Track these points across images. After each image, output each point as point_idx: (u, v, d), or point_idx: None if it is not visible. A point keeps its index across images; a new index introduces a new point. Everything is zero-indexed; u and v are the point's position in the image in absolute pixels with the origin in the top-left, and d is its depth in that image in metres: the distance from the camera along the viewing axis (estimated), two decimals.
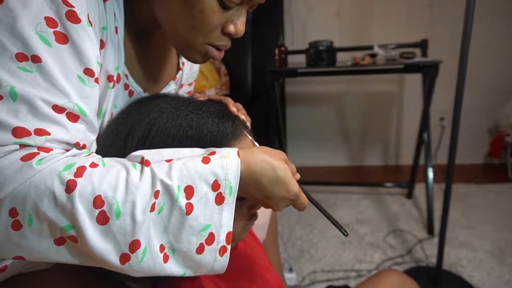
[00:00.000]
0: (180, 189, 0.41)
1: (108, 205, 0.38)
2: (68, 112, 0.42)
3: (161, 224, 0.41)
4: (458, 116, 1.02)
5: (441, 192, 1.23)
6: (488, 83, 2.21)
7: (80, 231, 0.38)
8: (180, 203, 0.41)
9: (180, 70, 0.73)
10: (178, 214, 0.41)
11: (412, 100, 2.25)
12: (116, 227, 0.39)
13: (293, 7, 2.23)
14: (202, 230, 0.42)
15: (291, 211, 1.82)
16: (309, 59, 1.66)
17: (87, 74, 0.44)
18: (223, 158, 0.44)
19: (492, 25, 2.10)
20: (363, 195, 1.97)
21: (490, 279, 1.24)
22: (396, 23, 2.18)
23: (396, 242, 1.51)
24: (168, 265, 0.42)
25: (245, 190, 0.46)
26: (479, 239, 1.48)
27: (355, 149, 2.47)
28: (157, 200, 0.40)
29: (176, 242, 0.42)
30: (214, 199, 0.43)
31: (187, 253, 0.43)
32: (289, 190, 0.48)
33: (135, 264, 0.40)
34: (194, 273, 0.45)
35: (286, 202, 0.49)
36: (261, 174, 0.45)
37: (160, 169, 0.42)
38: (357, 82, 2.31)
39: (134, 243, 0.39)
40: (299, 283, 1.28)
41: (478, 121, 2.26)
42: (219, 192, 0.43)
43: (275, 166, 0.46)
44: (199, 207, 0.42)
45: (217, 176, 0.43)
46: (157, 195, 0.40)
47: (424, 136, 1.71)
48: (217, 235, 0.43)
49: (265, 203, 0.48)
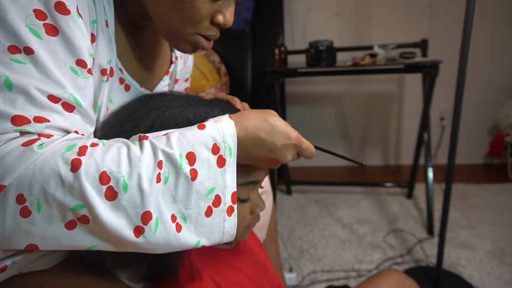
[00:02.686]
0: (182, 157, 0.41)
1: (114, 180, 0.38)
2: (63, 102, 0.43)
3: (169, 194, 0.41)
4: (458, 116, 1.01)
5: (441, 192, 1.23)
6: (488, 83, 2.21)
7: (91, 209, 0.38)
8: (184, 170, 0.41)
9: (173, 63, 0.73)
10: (184, 181, 0.41)
11: (412, 100, 2.25)
12: (125, 200, 0.39)
13: (293, 7, 2.23)
14: (208, 194, 0.43)
15: (291, 211, 1.82)
16: (309, 59, 1.66)
17: (79, 65, 0.44)
18: (217, 123, 0.45)
19: (492, 25, 2.10)
20: (363, 195, 1.97)
21: (490, 279, 1.24)
22: (396, 23, 2.18)
23: (396, 242, 1.51)
24: (182, 234, 0.42)
25: (247, 151, 0.46)
26: (479, 239, 1.48)
27: (355, 149, 2.47)
28: (161, 171, 0.40)
29: (186, 209, 0.42)
30: (216, 162, 0.43)
31: (197, 218, 0.43)
32: (289, 136, 0.48)
33: (149, 236, 0.40)
34: (208, 241, 0.45)
35: (291, 150, 0.48)
36: (257, 129, 0.46)
37: (159, 141, 0.42)
38: (357, 82, 2.31)
39: (146, 214, 0.39)
40: (299, 283, 1.28)
41: (478, 121, 2.26)
42: (220, 155, 0.44)
43: (267, 118, 0.47)
44: (202, 172, 0.42)
45: (215, 140, 0.44)
46: (160, 165, 0.40)
47: (424, 136, 1.71)
48: (223, 197, 0.44)
49: (272, 161, 0.48)
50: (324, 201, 1.93)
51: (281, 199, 1.98)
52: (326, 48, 1.62)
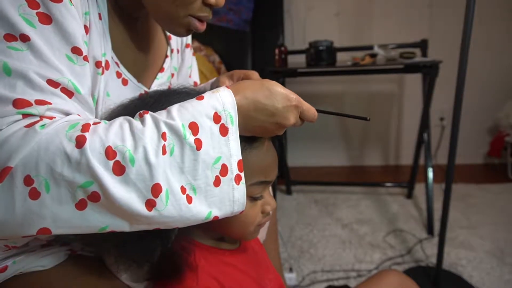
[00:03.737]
0: (185, 127, 0.41)
1: (120, 154, 0.38)
2: (62, 87, 0.43)
3: (176, 166, 0.41)
4: (458, 116, 1.02)
5: (441, 192, 1.23)
6: (488, 83, 2.21)
7: (101, 184, 0.37)
8: (188, 140, 0.41)
9: (167, 57, 0.73)
10: (189, 151, 0.41)
11: (412, 100, 2.25)
12: (133, 174, 0.38)
13: (293, 7, 2.23)
14: (215, 163, 0.43)
15: (291, 211, 1.82)
16: (309, 59, 1.66)
17: (75, 53, 0.44)
18: (215, 93, 0.45)
19: (492, 25, 2.10)
20: (363, 195, 1.97)
21: (490, 279, 1.24)
22: (396, 23, 2.18)
23: (396, 242, 1.51)
24: (193, 205, 0.42)
25: (249, 118, 0.46)
26: (479, 239, 1.48)
27: (355, 149, 2.47)
28: (166, 142, 0.40)
29: (194, 180, 0.42)
30: (219, 131, 0.43)
31: (206, 188, 0.43)
32: (289, 98, 0.48)
33: (162, 209, 0.40)
34: (219, 211, 0.44)
35: (293, 111, 0.49)
36: (255, 94, 0.46)
37: (160, 115, 0.43)
38: (357, 82, 2.31)
39: (155, 187, 0.39)
40: (299, 283, 1.28)
41: (478, 121, 2.26)
42: (222, 123, 0.44)
43: (264, 84, 0.48)
44: (207, 141, 0.42)
45: (216, 108, 0.44)
46: (164, 136, 0.40)
47: (424, 136, 1.71)
48: (229, 165, 0.44)
49: (275, 125, 0.48)
50: (324, 201, 1.93)
51: (281, 199, 1.98)
52: (326, 48, 1.62)
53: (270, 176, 0.53)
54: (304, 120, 0.52)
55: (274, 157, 0.54)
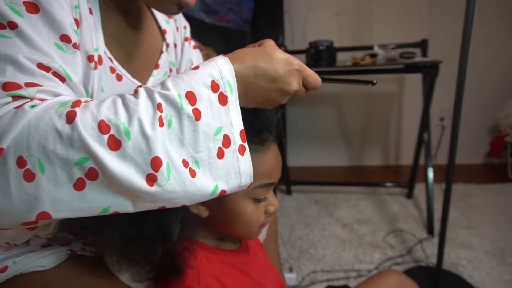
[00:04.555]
0: (181, 97, 0.40)
1: (115, 128, 0.37)
2: (54, 71, 0.42)
3: (175, 138, 0.39)
4: (458, 116, 1.01)
5: (441, 192, 1.23)
6: (488, 83, 2.21)
7: (97, 159, 0.36)
8: (186, 110, 0.39)
9: (163, 53, 0.72)
10: (188, 122, 0.39)
11: (412, 100, 2.25)
12: (130, 148, 0.37)
13: (293, 7, 2.23)
14: (216, 134, 0.41)
15: (291, 211, 1.82)
16: (309, 59, 1.66)
17: (64, 40, 0.44)
18: (211, 61, 0.44)
19: (492, 25, 2.10)
20: (363, 195, 1.97)
21: (490, 279, 1.24)
22: (396, 23, 2.18)
23: (396, 242, 1.51)
24: (197, 179, 0.40)
25: (250, 84, 0.45)
26: (479, 239, 1.48)
27: (355, 149, 2.47)
28: (162, 114, 0.38)
29: (196, 153, 0.40)
30: (218, 100, 0.42)
31: (209, 161, 0.41)
32: (290, 61, 0.46)
33: (163, 183, 0.38)
34: (226, 184, 0.43)
35: (295, 75, 0.47)
36: (255, 59, 0.45)
37: (154, 87, 0.41)
38: None
39: (155, 160, 0.37)
40: (299, 283, 1.28)
41: (478, 121, 2.26)
42: (220, 92, 0.42)
43: (262, 49, 0.46)
44: (206, 111, 0.41)
45: (213, 76, 0.42)
46: (160, 107, 0.38)
47: (424, 136, 1.71)
48: (231, 136, 0.42)
49: (278, 92, 0.46)
50: (324, 201, 1.93)
51: (281, 199, 1.98)
52: (326, 48, 1.62)
53: (274, 178, 0.53)
54: (307, 87, 0.50)
55: (278, 159, 0.54)
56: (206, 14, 2.00)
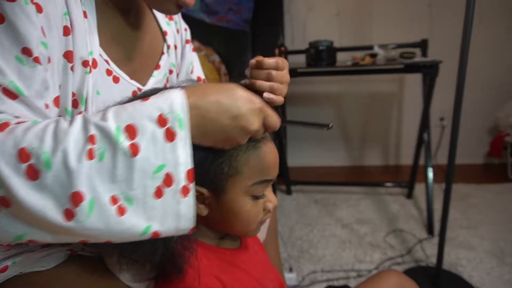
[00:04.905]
0: (119, 130, 0.38)
1: (35, 157, 0.35)
2: (3, 88, 0.41)
3: (106, 173, 0.37)
4: (458, 116, 1.02)
5: (441, 192, 1.23)
6: (488, 83, 2.21)
7: (8, 189, 0.35)
8: (121, 145, 0.37)
9: (163, 54, 0.72)
10: (123, 158, 0.37)
11: (412, 100, 2.25)
12: (50, 180, 0.35)
13: (293, 7, 2.23)
14: (156, 172, 0.39)
15: (291, 211, 1.83)
16: (309, 59, 1.66)
17: (25, 54, 0.43)
18: (165, 93, 0.42)
19: (492, 25, 2.10)
20: (363, 195, 1.97)
21: (490, 279, 1.24)
22: (396, 23, 2.18)
23: (396, 242, 1.51)
24: (125, 218, 0.38)
25: (209, 120, 0.42)
26: (479, 239, 1.48)
27: (355, 149, 2.47)
28: (94, 146, 0.37)
29: (130, 190, 0.38)
30: (164, 135, 0.39)
31: (145, 199, 0.39)
32: (253, 100, 0.44)
33: (82, 220, 0.36)
34: (161, 226, 0.40)
35: (257, 114, 0.44)
36: (217, 94, 0.42)
37: (93, 116, 0.40)
38: (357, 82, 2.31)
39: (75, 195, 0.35)
40: (299, 283, 1.28)
41: (478, 121, 2.26)
42: (168, 127, 0.39)
43: (224, 85, 0.44)
44: (147, 147, 0.38)
45: (161, 110, 0.39)
46: (92, 139, 0.37)
47: (424, 136, 1.71)
48: (175, 175, 0.40)
49: (238, 129, 0.44)
50: (324, 201, 1.93)
51: (281, 199, 1.98)
52: (326, 48, 1.62)
53: (271, 175, 0.53)
54: (267, 127, 0.48)
55: (275, 156, 0.54)
56: (206, 14, 2.00)
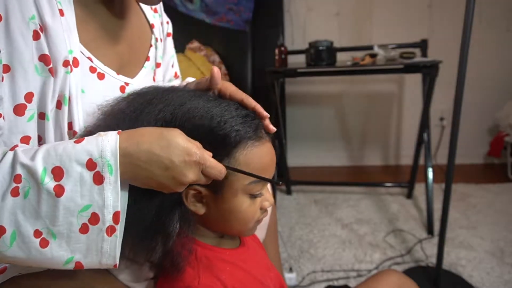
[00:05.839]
0: (46, 171, 0.40)
1: None
2: None
3: (30, 209, 0.40)
4: (458, 116, 1.02)
5: (441, 192, 1.23)
6: (488, 83, 2.21)
7: None
8: (46, 185, 0.40)
9: (151, 47, 0.71)
10: (47, 197, 0.40)
11: (412, 100, 2.25)
12: None
13: (293, 7, 2.23)
14: (82, 211, 0.41)
15: (291, 211, 1.83)
16: (309, 59, 1.66)
17: None
18: (99, 137, 0.43)
19: (492, 25, 2.10)
20: (363, 195, 1.97)
21: (490, 279, 1.24)
22: (396, 23, 2.18)
23: (396, 242, 1.51)
24: (48, 250, 0.41)
25: (139, 168, 0.43)
26: (479, 239, 1.48)
27: (355, 149, 2.47)
28: (20, 185, 0.40)
29: (53, 226, 0.41)
30: (92, 178, 0.41)
31: (69, 234, 0.42)
32: (190, 152, 0.43)
33: (4, 249, 0.40)
34: (83, 258, 0.43)
35: (192, 167, 0.44)
36: (150, 143, 0.42)
37: (25, 153, 0.41)
38: (357, 82, 2.31)
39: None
40: (299, 283, 1.28)
41: (478, 121, 2.26)
42: (96, 171, 0.41)
43: (164, 133, 0.43)
44: (73, 188, 0.41)
45: (91, 155, 0.41)
46: (18, 179, 0.40)
47: (424, 136, 1.71)
48: (101, 215, 0.42)
49: (171, 180, 0.44)
50: (324, 201, 1.93)
51: (281, 199, 1.98)
52: (326, 48, 1.62)
53: (268, 174, 0.54)
54: (208, 176, 0.46)
55: (273, 156, 0.55)
56: (206, 14, 2.00)
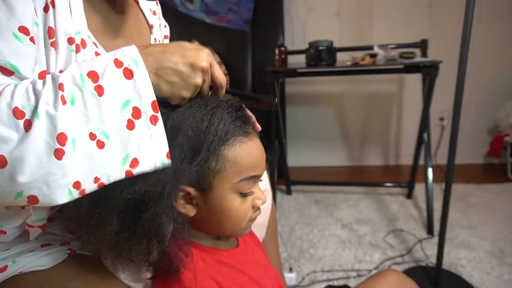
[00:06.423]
0: (83, 76, 0.42)
1: (28, 113, 0.40)
2: (0, 66, 0.44)
3: (80, 114, 0.41)
4: (458, 116, 1.02)
5: (441, 192, 1.23)
6: (488, 83, 2.21)
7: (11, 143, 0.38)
8: (87, 87, 0.42)
9: None
10: (91, 98, 0.42)
11: (412, 100, 2.25)
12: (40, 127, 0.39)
13: (293, 7, 2.24)
14: (124, 107, 0.43)
15: (291, 211, 1.83)
16: (309, 59, 1.66)
17: (22, 31, 0.45)
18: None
19: (492, 25, 2.10)
20: (363, 195, 1.97)
21: (490, 279, 1.24)
22: (396, 23, 2.18)
23: (396, 242, 1.51)
24: (105, 150, 0.42)
25: (158, 60, 0.46)
26: (479, 239, 1.48)
27: (355, 149, 2.47)
28: (64, 92, 0.41)
29: (104, 126, 0.42)
30: (122, 74, 0.43)
31: (119, 133, 0.43)
32: (200, 46, 0.49)
33: (70, 156, 0.40)
34: (139, 154, 0.44)
35: (204, 53, 0.49)
36: (165, 44, 0.49)
37: (59, 73, 0.44)
38: (357, 82, 2.31)
39: (60, 136, 0.40)
40: (299, 283, 1.28)
41: (478, 121, 2.26)
42: (125, 67, 0.44)
43: (172, 43, 0.49)
44: (110, 87, 0.43)
45: (116, 55, 0.44)
46: (61, 87, 0.41)
47: (424, 136, 1.71)
48: (141, 108, 0.44)
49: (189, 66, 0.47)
50: (324, 201, 1.93)
51: (281, 199, 1.98)
52: (326, 48, 1.62)
53: (258, 171, 0.53)
54: (214, 77, 0.51)
55: (262, 152, 0.54)
56: (206, 14, 2.00)
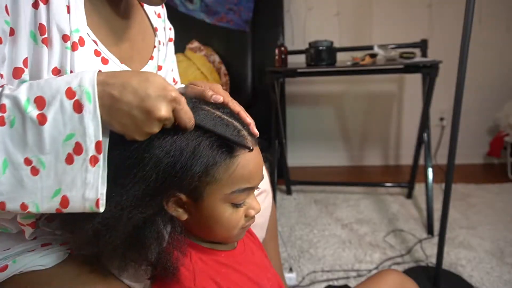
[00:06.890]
0: (29, 101, 0.42)
1: None
2: None
3: (18, 137, 0.41)
4: (458, 116, 1.02)
5: (441, 192, 1.23)
6: (488, 83, 2.21)
7: None
8: (30, 114, 0.41)
9: (155, 48, 0.72)
10: (31, 125, 0.41)
11: (412, 100, 2.25)
12: None
13: (293, 7, 2.24)
14: (66, 140, 0.42)
15: (291, 211, 1.83)
16: (309, 59, 1.66)
17: None
18: (79, 72, 0.45)
19: (492, 25, 2.10)
20: (363, 195, 1.97)
21: (490, 279, 1.24)
22: (396, 23, 2.18)
23: (396, 242, 1.51)
24: (38, 178, 0.42)
25: (115, 99, 0.43)
26: (479, 239, 1.48)
27: (355, 149, 2.47)
28: (5, 114, 0.41)
29: (42, 154, 0.42)
30: (72, 107, 0.42)
31: (56, 164, 0.42)
32: (166, 88, 0.44)
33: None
34: (69, 191, 0.43)
35: (166, 102, 0.43)
36: (129, 77, 0.44)
37: (9, 89, 0.43)
38: (357, 82, 2.31)
39: None
40: (299, 283, 1.28)
41: (478, 121, 2.26)
42: (76, 99, 0.42)
43: (141, 72, 0.45)
44: (55, 117, 0.42)
45: (70, 84, 0.42)
46: (3, 108, 0.41)
47: (424, 136, 1.71)
48: (84, 145, 0.42)
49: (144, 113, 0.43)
50: (324, 201, 1.93)
51: (281, 199, 1.98)
52: (326, 48, 1.62)
53: (253, 182, 0.51)
54: (179, 121, 0.45)
55: (257, 163, 0.52)
56: (206, 14, 2.00)
